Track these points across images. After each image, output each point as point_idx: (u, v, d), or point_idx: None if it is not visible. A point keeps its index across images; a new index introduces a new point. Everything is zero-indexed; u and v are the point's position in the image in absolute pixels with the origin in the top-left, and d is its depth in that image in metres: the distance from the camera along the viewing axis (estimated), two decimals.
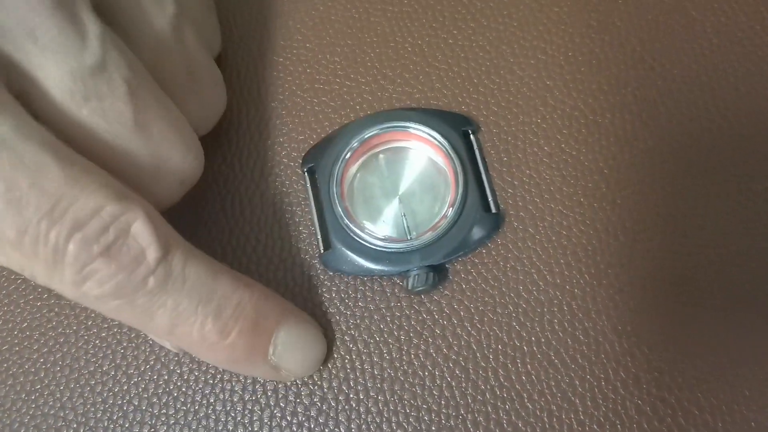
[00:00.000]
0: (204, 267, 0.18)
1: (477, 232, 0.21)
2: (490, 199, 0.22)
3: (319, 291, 0.22)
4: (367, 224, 0.22)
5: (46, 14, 0.15)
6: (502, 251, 0.22)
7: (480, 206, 0.21)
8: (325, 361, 0.21)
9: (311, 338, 0.20)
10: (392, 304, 0.22)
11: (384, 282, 0.22)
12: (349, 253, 0.21)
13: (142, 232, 0.16)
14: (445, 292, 0.22)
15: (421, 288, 0.21)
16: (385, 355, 0.21)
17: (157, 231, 0.16)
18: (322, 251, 0.22)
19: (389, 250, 0.21)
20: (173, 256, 0.17)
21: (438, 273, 0.21)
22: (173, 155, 0.18)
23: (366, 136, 0.22)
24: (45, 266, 0.16)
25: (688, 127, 0.23)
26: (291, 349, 0.19)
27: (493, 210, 0.22)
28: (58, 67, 0.15)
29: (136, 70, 0.17)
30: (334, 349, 0.22)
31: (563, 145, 0.23)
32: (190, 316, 0.17)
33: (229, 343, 0.18)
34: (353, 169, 0.23)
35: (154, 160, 0.18)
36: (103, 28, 0.16)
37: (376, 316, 0.22)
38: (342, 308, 0.22)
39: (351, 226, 0.21)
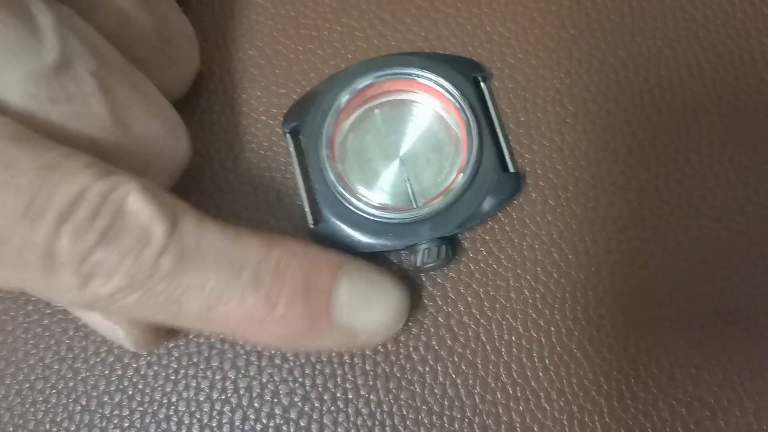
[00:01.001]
0: (225, 232, 0.15)
1: (494, 196, 0.18)
2: (507, 156, 0.19)
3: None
4: (363, 191, 0.19)
5: None
6: (517, 227, 0.19)
7: (497, 165, 0.18)
8: (308, 356, 0.18)
9: (382, 284, 0.16)
10: None
11: (380, 262, 0.19)
12: (344, 226, 0.18)
13: (140, 207, 0.14)
14: (451, 274, 0.19)
15: (432, 264, 0.18)
16: (379, 347, 0.18)
17: (158, 202, 0.14)
18: (311, 225, 0.19)
19: (393, 221, 0.18)
20: (184, 227, 0.14)
21: (451, 245, 0.18)
22: (162, 148, 0.16)
23: (359, 87, 0.19)
24: (41, 274, 0.13)
25: (736, 86, 0.20)
26: (362, 303, 0.16)
27: (512, 169, 0.19)
28: (16, 71, 0.14)
29: (104, 54, 0.15)
30: None
31: (590, 104, 0.20)
32: (224, 292, 0.14)
33: (280, 314, 0.15)
34: (345, 126, 0.19)
35: (141, 159, 0.16)
36: (57, 16, 0.14)
37: None
38: None
39: (345, 194, 0.18)
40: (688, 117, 0.20)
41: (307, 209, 0.19)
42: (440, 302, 0.18)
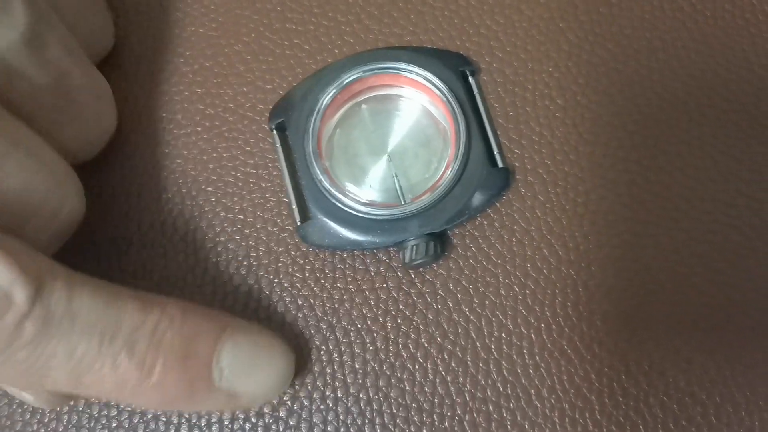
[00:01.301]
0: (98, 295, 0.14)
1: (483, 192, 0.18)
2: (496, 151, 0.19)
3: (291, 271, 0.19)
4: (351, 188, 0.19)
5: None
6: (506, 222, 0.19)
7: (486, 160, 0.18)
8: (299, 352, 0.18)
9: (267, 348, 0.16)
10: (377, 285, 0.18)
11: (367, 259, 0.19)
12: (331, 223, 0.18)
13: None
14: (440, 271, 0.18)
15: (421, 260, 0.18)
16: (368, 345, 0.18)
17: (21, 264, 0.13)
18: (299, 223, 0.18)
19: (381, 217, 0.18)
20: (52, 291, 0.13)
21: (440, 241, 0.18)
22: (42, 204, 0.15)
23: (346, 82, 0.19)
24: None
25: (727, 77, 0.20)
26: (243, 368, 0.16)
27: (501, 164, 0.19)
28: None
29: None
30: (308, 338, 0.18)
31: (579, 98, 0.19)
32: (95, 359, 0.14)
33: (156, 382, 0.14)
34: (332, 122, 0.19)
35: (16, 214, 0.15)
36: None
37: (357, 299, 0.18)
38: (317, 290, 0.19)
39: (333, 190, 0.18)
40: (678, 109, 0.19)
41: (294, 206, 0.19)
42: (429, 299, 0.18)
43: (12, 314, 0.13)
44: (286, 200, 0.19)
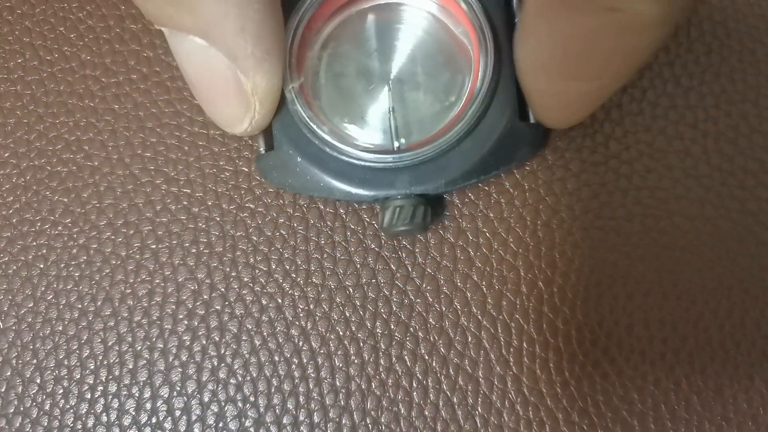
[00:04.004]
0: None
1: (502, 151, 0.13)
2: None
3: (252, 262, 0.15)
4: (340, 122, 0.14)
5: None
6: (529, 199, 0.15)
7: (515, 108, 0.14)
8: (263, 366, 0.14)
9: None
10: (364, 280, 0.14)
11: (351, 247, 0.14)
12: (298, 158, 0.14)
13: None
14: (444, 263, 0.14)
15: (403, 228, 0.13)
16: (352, 357, 0.14)
17: None
18: (262, 151, 0.14)
19: (363, 163, 0.13)
20: None
21: (431, 207, 0.14)
22: None
23: None
24: None
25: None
26: None
27: (533, 119, 0.14)
28: None
29: None
30: (275, 348, 0.14)
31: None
32: None
33: None
34: (319, 38, 0.14)
35: None
36: None
37: (338, 299, 0.14)
38: (287, 286, 0.14)
39: (304, 115, 0.13)
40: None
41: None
42: (431, 299, 0.14)
43: None
44: (245, 169, 0.15)
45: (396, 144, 0.14)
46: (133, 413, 0.14)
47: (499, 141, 0.13)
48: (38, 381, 0.14)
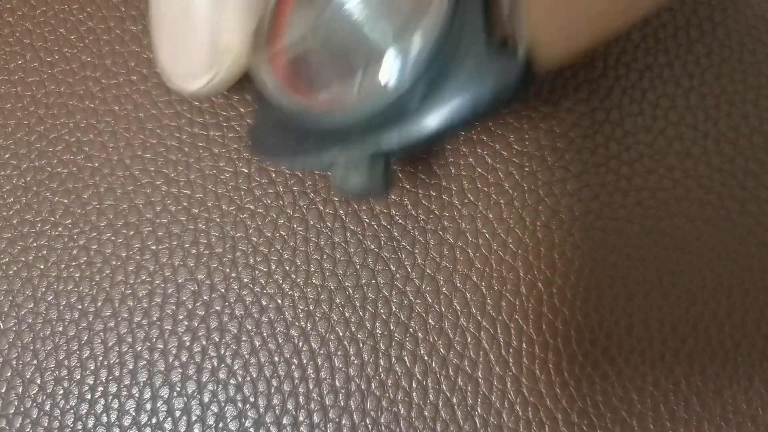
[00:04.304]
0: None
1: (476, 91, 0.10)
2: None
3: (252, 262, 0.15)
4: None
5: None
6: (526, 163, 0.15)
7: (485, 35, 0.10)
8: (262, 367, 0.14)
9: None
10: (363, 281, 0.14)
11: (351, 249, 0.14)
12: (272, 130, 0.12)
13: None
14: (444, 263, 0.14)
15: (360, 186, 0.11)
16: (352, 357, 0.14)
17: None
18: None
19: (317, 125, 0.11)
20: None
21: (390, 162, 0.11)
22: None
23: None
24: None
25: None
26: None
27: (521, 53, 0.10)
28: None
29: None
30: (275, 349, 0.14)
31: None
32: None
33: None
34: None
35: None
36: None
37: (338, 299, 0.14)
38: (287, 287, 0.14)
39: (270, 87, 0.12)
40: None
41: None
42: (430, 299, 0.14)
43: None
44: (245, 170, 0.15)
45: None
46: (134, 414, 0.14)
47: (470, 76, 0.10)
48: (38, 381, 0.14)
